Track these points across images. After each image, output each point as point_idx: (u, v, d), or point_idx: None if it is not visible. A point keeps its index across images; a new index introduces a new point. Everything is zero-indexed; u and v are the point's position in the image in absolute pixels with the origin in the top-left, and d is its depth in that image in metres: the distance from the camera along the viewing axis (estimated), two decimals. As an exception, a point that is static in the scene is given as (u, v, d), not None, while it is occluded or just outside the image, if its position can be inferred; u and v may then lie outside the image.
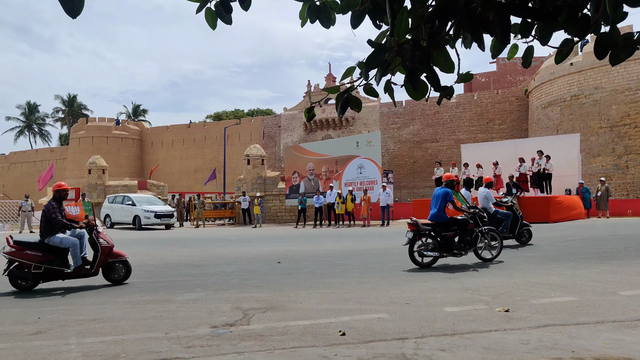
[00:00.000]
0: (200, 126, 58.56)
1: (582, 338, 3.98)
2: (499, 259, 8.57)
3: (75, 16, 1.99)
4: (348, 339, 4.12)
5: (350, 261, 9.23)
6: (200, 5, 2.43)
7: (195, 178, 54.51)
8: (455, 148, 39.37)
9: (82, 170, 44.44)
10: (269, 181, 27.27)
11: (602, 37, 2.05)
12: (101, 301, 6.07)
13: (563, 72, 33.02)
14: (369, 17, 2.31)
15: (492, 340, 3.99)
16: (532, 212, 17.27)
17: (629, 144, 29.73)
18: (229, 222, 27.17)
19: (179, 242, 15.41)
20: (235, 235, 17.69)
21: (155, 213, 22.62)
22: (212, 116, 70.93)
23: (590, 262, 7.96)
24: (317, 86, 47.83)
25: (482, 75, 47.76)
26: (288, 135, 49.59)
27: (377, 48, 2.19)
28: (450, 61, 2.24)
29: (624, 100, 29.94)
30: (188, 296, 6.17)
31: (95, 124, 58.75)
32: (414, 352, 3.73)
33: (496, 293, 5.77)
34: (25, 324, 4.99)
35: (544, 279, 6.54)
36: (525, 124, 39.72)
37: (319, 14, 2.44)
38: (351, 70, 2.50)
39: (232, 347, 3.97)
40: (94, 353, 3.93)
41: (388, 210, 20.90)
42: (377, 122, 45.26)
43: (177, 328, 4.61)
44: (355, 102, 2.41)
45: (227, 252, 11.57)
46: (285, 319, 4.82)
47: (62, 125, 76.32)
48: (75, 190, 30.17)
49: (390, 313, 4.93)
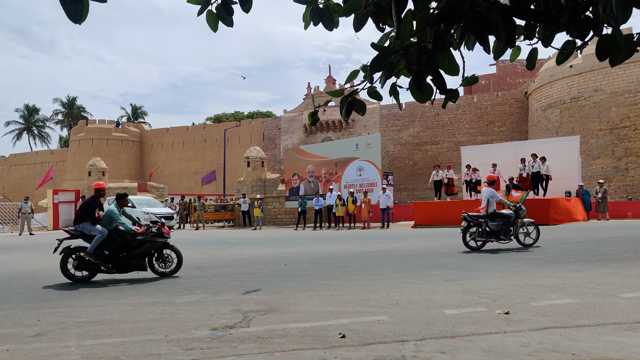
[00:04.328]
0: (200, 128, 58.59)
1: (582, 340, 3.97)
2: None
3: (79, 21, 1.96)
4: (348, 341, 4.11)
5: (350, 263, 9.22)
6: (202, 7, 2.44)
7: (195, 180, 54.51)
8: (455, 150, 39.39)
9: (82, 172, 44.47)
10: (269, 183, 27.27)
11: (604, 39, 2.05)
12: (100, 303, 6.05)
13: (563, 74, 33.07)
14: (372, 20, 2.31)
15: (492, 342, 3.98)
16: (532, 214, 17.27)
17: (629, 146, 29.75)
18: (228, 224, 27.15)
19: (179, 244, 15.37)
20: (235, 238, 17.68)
21: (155, 215, 22.62)
22: (212, 118, 70.97)
23: (591, 264, 7.95)
24: (317, 88, 47.87)
25: (482, 78, 47.82)
26: (288, 138, 49.61)
27: (382, 51, 2.19)
28: (455, 64, 2.24)
29: (624, 103, 29.98)
30: (188, 298, 6.16)
31: (95, 126, 58.76)
32: (413, 354, 3.72)
33: (496, 295, 5.76)
34: (25, 326, 4.98)
35: (544, 281, 6.54)
36: (525, 126, 39.75)
37: (321, 17, 2.44)
38: (355, 73, 2.50)
39: (231, 350, 3.96)
40: (93, 355, 3.92)
41: (388, 212, 20.90)
42: (377, 124, 45.30)
43: (176, 330, 4.60)
44: (359, 105, 2.41)
45: (227, 254, 11.56)
46: (285, 322, 4.81)
47: (61, 128, 76.40)
48: (75, 192, 30.17)
49: (390, 315, 4.92)
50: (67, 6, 1.92)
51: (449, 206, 20.05)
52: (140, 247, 7.81)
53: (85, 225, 7.87)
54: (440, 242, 12.81)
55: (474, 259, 9.12)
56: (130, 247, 7.83)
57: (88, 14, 1.98)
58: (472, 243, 10.53)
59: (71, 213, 27.40)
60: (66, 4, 1.91)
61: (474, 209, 12.21)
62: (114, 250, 7.76)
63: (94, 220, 7.94)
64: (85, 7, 1.95)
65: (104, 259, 7.71)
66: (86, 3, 1.95)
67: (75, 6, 1.93)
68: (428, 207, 20.81)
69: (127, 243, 7.80)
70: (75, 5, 1.93)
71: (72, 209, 27.74)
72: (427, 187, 37.39)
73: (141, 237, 7.87)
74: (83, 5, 1.95)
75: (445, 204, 20.20)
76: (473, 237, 10.51)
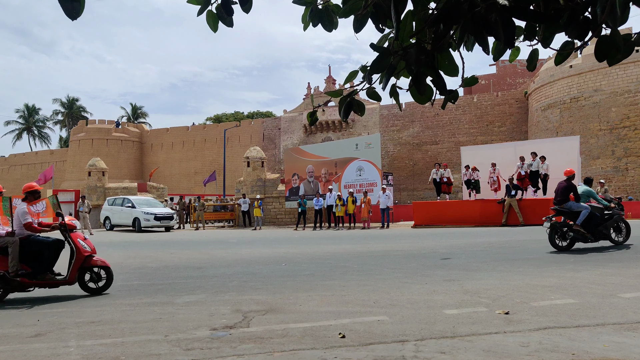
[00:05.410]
0: (200, 128, 58.59)
1: (582, 340, 3.98)
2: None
3: (75, 18, 1.98)
4: (348, 341, 4.11)
5: (350, 263, 9.22)
6: (202, 7, 2.44)
7: (195, 180, 54.53)
8: (455, 150, 39.39)
9: (81, 172, 44.47)
10: (269, 183, 27.27)
11: (602, 39, 2.06)
12: (100, 303, 6.06)
13: (562, 74, 33.08)
14: (372, 20, 2.31)
15: (492, 342, 3.98)
16: (532, 214, 17.28)
17: (629, 146, 29.77)
18: (228, 224, 27.16)
19: (179, 244, 15.41)
20: (235, 238, 17.68)
21: (155, 215, 22.61)
22: (212, 118, 70.98)
23: (591, 264, 7.96)
24: (317, 88, 47.89)
25: (482, 78, 47.83)
26: (288, 138, 49.61)
27: (382, 52, 2.19)
28: (454, 64, 2.24)
29: (624, 103, 29.99)
30: (188, 298, 6.16)
31: (95, 126, 58.78)
32: (413, 354, 3.73)
33: (496, 295, 5.76)
34: (25, 326, 4.98)
35: (544, 281, 6.54)
36: (525, 126, 39.76)
37: (321, 18, 2.44)
38: (354, 74, 2.50)
39: (231, 350, 3.96)
40: (93, 355, 3.92)
41: (388, 212, 20.90)
42: (377, 124, 45.31)
43: (176, 330, 4.60)
44: (358, 106, 2.41)
45: (226, 255, 11.56)
46: (285, 322, 4.81)
47: (61, 128, 76.42)
48: (75, 192, 30.18)
49: (390, 315, 4.93)
50: (64, 2, 1.93)
51: (449, 206, 20.06)
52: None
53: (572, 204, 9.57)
54: (440, 242, 12.81)
55: (474, 259, 9.12)
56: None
57: (83, 11, 2.00)
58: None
59: (71, 213, 27.38)
60: (64, 0, 1.93)
61: None
62: None
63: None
64: (82, 4, 1.97)
65: None
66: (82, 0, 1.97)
67: (72, 3, 1.94)
68: (428, 207, 20.81)
69: None
70: (72, 2, 1.95)
71: (72, 209, 27.73)
72: (427, 186, 37.39)
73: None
74: (80, 2, 1.96)
75: (445, 204, 20.20)
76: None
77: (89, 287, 6.74)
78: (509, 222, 17.70)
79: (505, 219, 17.79)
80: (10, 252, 6.31)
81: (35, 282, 6.44)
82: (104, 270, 6.81)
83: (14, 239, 6.37)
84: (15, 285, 6.36)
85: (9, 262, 6.29)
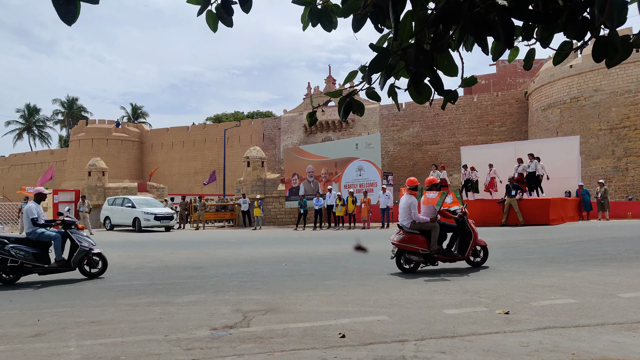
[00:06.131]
0: (200, 128, 58.58)
1: (582, 340, 3.98)
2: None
3: (71, 23, 1.98)
4: (348, 341, 4.11)
5: (350, 263, 9.22)
6: (202, 7, 2.44)
7: (195, 180, 54.52)
8: (455, 150, 39.39)
9: (81, 172, 44.46)
10: (269, 183, 27.27)
11: (600, 40, 2.06)
12: (101, 303, 6.06)
13: (562, 74, 33.07)
14: (371, 20, 2.31)
15: (492, 342, 3.99)
16: (532, 214, 17.30)
17: (629, 146, 29.76)
18: (228, 224, 27.15)
19: (179, 244, 15.40)
20: (235, 238, 17.68)
21: (155, 215, 22.59)
22: (212, 118, 70.97)
23: (591, 264, 7.95)
24: (317, 88, 47.88)
25: (482, 78, 47.83)
26: (288, 137, 49.61)
27: (380, 52, 2.19)
28: (453, 65, 2.24)
29: (624, 103, 29.99)
30: (188, 298, 6.17)
31: (95, 126, 58.78)
32: (413, 354, 3.73)
33: (496, 295, 5.76)
34: (25, 326, 4.98)
35: (544, 281, 6.54)
36: (525, 126, 39.75)
37: (320, 18, 2.45)
38: (353, 74, 2.51)
39: (231, 350, 3.96)
40: (93, 355, 3.93)
41: (388, 212, 20.90)
42: (377, 124, 45.30)
43: (176, 330, 4.60)
44: (358, 106, 2.41)
45: (226, 254, 11.56)
46: (285, 321, 4.82)
47: (61, 128, 76.41)
48: (75, 192, 30.19)
49: (390, 315, 4.93)
50: (59, 7, 1.93)
51: (449, 206, 20.02)
52: None
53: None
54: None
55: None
56: None
57: (82, 12, 2.01)
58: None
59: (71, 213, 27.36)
60: (59, 5, 1.93)
61: None
62: None
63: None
64: (77, 8, 1.97)
65: None
66: (78, 4, 1.97)
67: (68, 7, 1.95)
68: (428, 207, 20.75)
69: None
70: (68, 7, 1.95)
71: (72, 209, 27.74)
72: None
73: None
74: (76, 6, 1.96)
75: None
76: None
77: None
78: (509, 222, 17.70)
79: (505, 219, 17.78)
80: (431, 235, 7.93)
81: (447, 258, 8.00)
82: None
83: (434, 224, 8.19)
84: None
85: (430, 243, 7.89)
